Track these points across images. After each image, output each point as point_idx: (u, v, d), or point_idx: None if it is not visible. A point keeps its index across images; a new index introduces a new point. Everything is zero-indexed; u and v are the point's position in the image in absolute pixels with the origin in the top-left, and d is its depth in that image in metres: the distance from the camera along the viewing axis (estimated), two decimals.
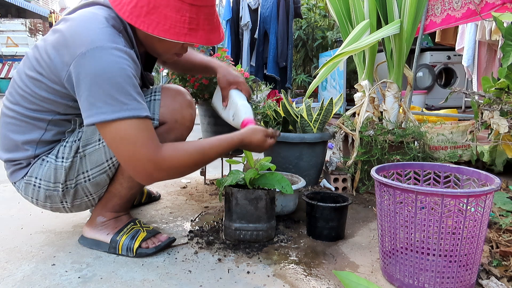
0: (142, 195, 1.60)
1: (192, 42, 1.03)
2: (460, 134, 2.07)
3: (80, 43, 0.94)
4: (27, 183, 1.11)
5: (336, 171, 1.81)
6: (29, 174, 1.10)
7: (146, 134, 0.97)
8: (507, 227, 1.25)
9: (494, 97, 1.53)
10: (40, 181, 1.09)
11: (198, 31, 1.01)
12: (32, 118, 1.06)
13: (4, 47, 9.57)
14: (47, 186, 1.10)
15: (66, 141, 1.10)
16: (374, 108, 1.89)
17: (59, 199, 1.12)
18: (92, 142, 1.09)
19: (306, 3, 6.02)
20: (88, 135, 1.09)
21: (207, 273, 1.05)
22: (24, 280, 1.00)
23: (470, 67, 3.76)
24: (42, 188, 1.10)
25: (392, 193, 0.94)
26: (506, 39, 1.45)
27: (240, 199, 1.21)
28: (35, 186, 1.10)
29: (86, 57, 0.92)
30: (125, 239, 1.14)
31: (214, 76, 1.44)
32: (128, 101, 0.94)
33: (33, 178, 1.10)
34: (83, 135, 1.09)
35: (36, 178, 1.09)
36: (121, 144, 0.96)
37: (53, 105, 1.05)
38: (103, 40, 0.94)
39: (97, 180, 1.11)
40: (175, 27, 0.97)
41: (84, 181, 1.11)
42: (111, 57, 0.93)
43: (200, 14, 1.00)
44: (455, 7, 2.50)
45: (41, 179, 1.09)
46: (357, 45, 1.57)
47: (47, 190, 1.10)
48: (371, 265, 1.10)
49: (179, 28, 0.98)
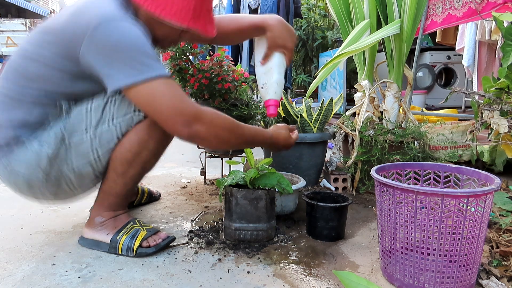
0: (142, 195, 1.59)
1: (195, 28, 1.06)
2: (460, 134, 2.07)
3: (94, 16, 0.95)
4: (5, 166, 1.06)
5: (336, 171, 1.81)
6: (7, 157, 1.05)
7: (179, 90, 1.01)
8: (507, 227, 1.25)
9: (494, 97, 1.53)
10: (21, 166, 1.05)
11: (200, 19, 1.06)
12: (17, 95, 1.04)
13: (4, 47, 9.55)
14: (28, 173, 1.06)
15: (51, 127, 1.06)
16: (374, 108, 1.89)
17: (39, 188, 1.09)
18: (78, 131, 1.07)
19: (306, 3, 6.02)
20: (74, 123, 1.06)
21: (207, 273, 1.05)
22: (24, 280, 1.00)
23: (471, 67, 3.76)
24: (22, 174, 1.06)
25: (392, 193, 0.94)
26: (506, 39, 1.45)
27: (240, 199, 1.21)
28: (14, 171, 1.06)
29: (102, 28, 0.94)
30: (125, 238, 1.14)
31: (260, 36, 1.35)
32: (152, 62, 0.97)
33: (12, 162, 1.05)
34: (69, 124, 1.06)
35: (16, 162, 1.05)
36: (156, 103, 0.98)
37: (43, 82, 1.03)
38: (116, 12, 0.97)
39: (81, 172, 1.10)
40: (180, 12, 1.01)
41: (68, 172, 1.08)
42: (126, 25, 0.96)
43: (203, 5, 1.06)
44: (456, 6, 2.49)
45: (22, 164, 1.05)
46: (357, 46, 1.57)
47: (27, 177, 1.06)
48: (371, 265, 1.10)
49: (185, 13, 1.02)
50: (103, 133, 1.08)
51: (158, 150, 1.16)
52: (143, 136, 1.10)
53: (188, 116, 1.00)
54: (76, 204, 1.60)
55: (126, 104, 1.08)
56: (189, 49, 1.70)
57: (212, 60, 1.69)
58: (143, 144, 1.10)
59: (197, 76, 1.65)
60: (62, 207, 1.56)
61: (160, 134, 1.11)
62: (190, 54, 1.73)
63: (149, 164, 1.17)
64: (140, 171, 1.16)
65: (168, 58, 1.68)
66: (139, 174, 1.17)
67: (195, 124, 1.01)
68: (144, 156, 1.12)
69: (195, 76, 1.65)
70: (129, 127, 1.09)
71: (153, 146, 1.12)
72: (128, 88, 0.97)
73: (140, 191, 1.59)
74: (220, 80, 1.65)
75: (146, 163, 1.15)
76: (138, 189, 1.58)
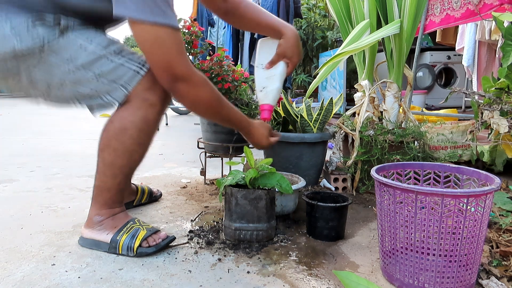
0: (142, 195, 1.59)
1: None
2: (460, 134, 2.08)
3: None
4: None
5: (336, 171, 1.81)
6: None
7: (181, 46, 1.03)
8: (507, 227, 1.25)
9: (494, 97, 1.53)
10: None
11: None
12: None
13: None
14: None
15: (35, 27, 0.99)
16: (374, 108, 1.89)
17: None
18: (60, 55, 1.03)
19: (306, 3, 6.02)
20: (61, 47, 1.02)
21: (207, 273, 1.05)
22: (24, 280, 1.00)
23: (470, 67, 3.76)
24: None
25: (392, 193, 0.94)
26: (506, 39, 1.45)
27: (240, 199, 1.21)
28: None
29: None
30: (125, 238, 1.14)
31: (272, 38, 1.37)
32: (167, 9, 0.98)
33: None
34: (55, 42, 1.02)
35: None
36: (154, 48, 1.00)
37: None
38: None
39: (35, 83, 1.06)
40: None
41: (24, 75, 1.04)
42: None
43: None
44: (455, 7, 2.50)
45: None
46: (357, 45, 1.58)
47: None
48: (371, 265, 1.10)
49: None
50: (82, 79, 1.06)
51: (142, 139, 1.15)
52: (125, 124, 1.11)
53: (176, 72, 1.03)
54: (76, 204, 1.60)
55: (118, 74, 1.07)
56: (189, 49, 1.70)
57: (212, 60, 1.69)
58: (125, 132, 1.11)
59: None
60: (62, 207, 1.56)
61: (140, 121, 1.11)
62: (190, 54, 1.73)
63: (136, 154, 1.15)
64: (127, 161, 1.14)
65: None
66: (128, 165, 1.16)
67: (180, 82, 1.04)
68: (129, 144, 1.12)
69: None
70: (107, 94, 1.09)
71: (135, 134, 1.12)
72: (134, 22, 0.98)
73: (140, 191, 1.58)
74: (220, 80, 1.65)
75: (132, 152, 1.14)
76: (138, 188, 1.58)
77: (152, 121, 1.14)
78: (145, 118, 1.11)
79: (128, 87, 1.09)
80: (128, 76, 1.09)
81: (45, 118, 5.14)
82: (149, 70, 1.10)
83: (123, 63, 1.08)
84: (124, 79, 1.08)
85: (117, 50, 1.09)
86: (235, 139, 1.72)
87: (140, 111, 1.11)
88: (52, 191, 1.80)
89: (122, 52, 1.10)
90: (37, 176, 2.08)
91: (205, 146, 1.84)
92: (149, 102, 1.11)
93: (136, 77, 1.09)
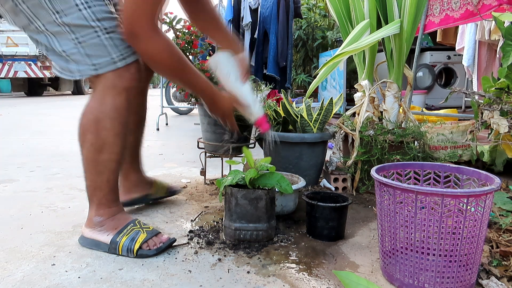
0: (159, 189, 1.59)
1: None
2: (460, 134, 2.07)
3: None
4: None
5: (336, 171, 1.81)
6: None
7: (151, 6, 1.02)
8: (507, 227, 1.25)
9: (494, 97, 1.53)
10: None
11: None
12: None
13: (4, 47, 9.55)
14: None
15: None
16: (374, 108, 1.89)
17: None
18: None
19: (306, 3, 6.02)
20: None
21: (207, 273, 1.05)
22: (24, 280, 1.00)
23: (471, 67, 3.76)
24: None
25: (392, 193, 0.94)
26: (506, 39, 1.45)
27: (240, 199, 1.21)
28: None
29: None
30: (125, 240, 1.14)
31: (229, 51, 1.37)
32: None
33: None
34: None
35: None
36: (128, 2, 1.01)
37: None
38: None
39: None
40: None
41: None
42: None
43: None
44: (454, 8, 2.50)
45: None
46: (357, 45, 1.58)
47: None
48: (371, 265, 1.10)
49: None
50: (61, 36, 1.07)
51: (117, 129, 1.14)
52: (96, 115, 1.12)
53: (135, 30, 1.03)
54: (76, 204, 1.60)
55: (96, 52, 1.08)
56: (189, 49, 1.70)
57: None
58: (99, 123, 1.11)
59: None
60: (62, 207, 1.57)
61: (110, 110, 1.11)
62: (190, 54, 1.73)
63: (115, 146, 1.15)
64: (108, 155, 1.14)
65: None
66: (110, 159, 1.15)
67: (137, 40, 1.05)
68: (105, 136, 1.12)
69: None
70: (74, 63, 1.09)
71: (109, 124, 1.12)
72: None
73: (157, 184, 1.59)
74: None
75: (110, 145, 1.14)
76: (155, 182, 1.59)
77: (122, 108, 1.13)
78: (115, 106, 1.12)
79: (98, 70, 1.09)
80: (104, 60, 1.09)
81: (45, 118, 5.14)
82: (127, 65, 1.11)
83: (106, 45, 1.08)
84: (99, 61, 1.08)
85: (109, 29, 1.09)
86: (236, 139, 1.72)
87: (108, 98, 1.11)
88: (52, 191, 1.80)
89: (113, 33, 1.09)
90: (37, 176, 2.08)
91: (205, 146, 1.84)
92: (117, 89, 1.11)
93: (111, 65, 1.09)
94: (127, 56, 1.11)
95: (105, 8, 1.09)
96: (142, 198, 1.54)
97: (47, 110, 6.51)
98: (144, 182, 1.55)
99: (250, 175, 1.23)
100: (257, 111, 1.30)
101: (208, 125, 1.77)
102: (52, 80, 11.26)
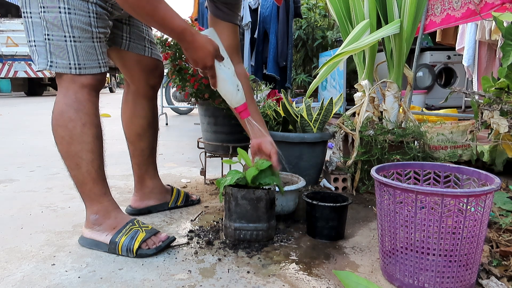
0: (178, 197, 1.58)
1: None
2: (460, 134, 2.08)
3: None
4: None
5: (336, 171, 1.81)
6: None
7: None
8: (507, 227, 1.25)
9: (494, 97, 1.53)
10: None
11: None
12: None
13: (4, 47, 9.55)
14: None
15: None
16: (374, 108, 1.89)
17: None
18: None
19: (306, 3, 6.02)
20: None
21: (207, 273, 1.05)
22: (24, 280, 1.00)
23: (471, 66, 3.76)
24: None
25: (392, 193, 0.94)
26: (506, 39, 1.45)
27: (240, 199, 1.21)
28: None
29: None
30: (124, 240, 1.14)
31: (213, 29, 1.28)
32: None
33: None
34: None
35: None
36: None
37: None
38: None
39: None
40: None
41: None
42: None
43: None
44: (455, 7, 2.50)
45: None
46: (357, 45, 1.57)
47: None
48: (371, 265, 1.10)
49: None
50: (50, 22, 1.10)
51: (84, 119, 1.14)
52: (60, 107, 1.14)
53: None
54: (76, 204, 1.60)
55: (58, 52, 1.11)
56: None
57: None
58: (63, 115, 1.13)
59: (197, 76, 1.65)
60: (62, 207, 1.56)
61: (73, 102, 1.13)
62: None
63: (85, 136, 1.15)
64: (80, 146, 1.14)
65: (168, 58, 1.68)
66: (84, 150, 1.15)
67: None
68: (72, 127, 1.14)
69: (195, 76, 1.66)
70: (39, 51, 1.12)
71: (74, 115, 1.13)
72: None
73: (176, 192, 1.58)
74: None
75: (80, 135, 1.14)
76: (173, 189, 1.58)
77: (85, 101, 1.15)
78: (76, 98, 1.14)
79: (52, 68, 1.12)
80: (61, 62, 1.12)
81: (45, 118, 5.14)
82: (81, 75, 1.14)
83: (68, 51, 1.12)
84: (57, 61, 1.12)
85: (77, 38, 1.12)
86: (235, 139, 1.72)
87: (71, 92, 1.14)
88: (52, 191, 1.80)
89: (80, 43, 1.12)
90: (37, 176, 2.08)
91: (205, 146, 1.84)
92: (78, 84, 1.14)
93: (65, 69, 1.13)
94: (84, 68, 1.14)
95: (84, 19, 1.12)
96: (158, 206, 1.53)
97: (47, 110, 6.49)
98: (161, 189, 1.54)
99: (252, 173, 1.23)
100: (239, 98, 1.23)
101: (208, 125, 1.77)
102: (52, 80, 11.25)
